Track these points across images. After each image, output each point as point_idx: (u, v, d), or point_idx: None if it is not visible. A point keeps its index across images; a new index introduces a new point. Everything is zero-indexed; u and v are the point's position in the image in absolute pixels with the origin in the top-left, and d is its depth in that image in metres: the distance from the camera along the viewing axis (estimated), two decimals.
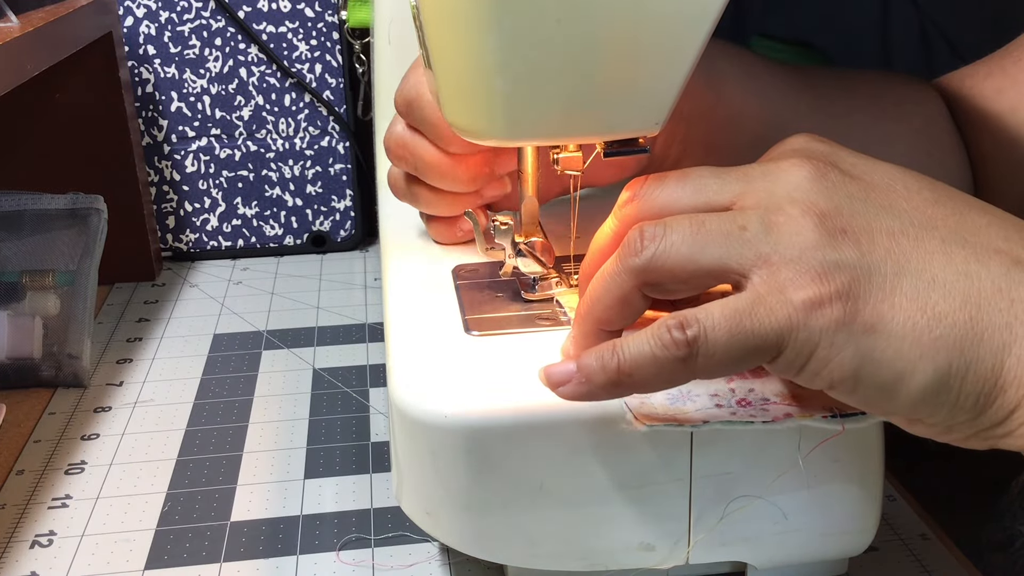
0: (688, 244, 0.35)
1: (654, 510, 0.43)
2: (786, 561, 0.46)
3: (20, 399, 0.67)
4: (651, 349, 0.35)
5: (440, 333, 0.47)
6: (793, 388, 0.40)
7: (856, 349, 0.33)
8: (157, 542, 0.53)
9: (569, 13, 0.37)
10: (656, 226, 0.36)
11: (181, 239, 0.92)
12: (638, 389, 0.37)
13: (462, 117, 0.42)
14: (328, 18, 0.88)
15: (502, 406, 0.42)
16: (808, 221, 0.34)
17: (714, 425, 0.39)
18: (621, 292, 0.38)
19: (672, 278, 0.36)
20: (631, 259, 0.37)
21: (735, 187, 0.37)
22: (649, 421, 0.39)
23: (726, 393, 0.40)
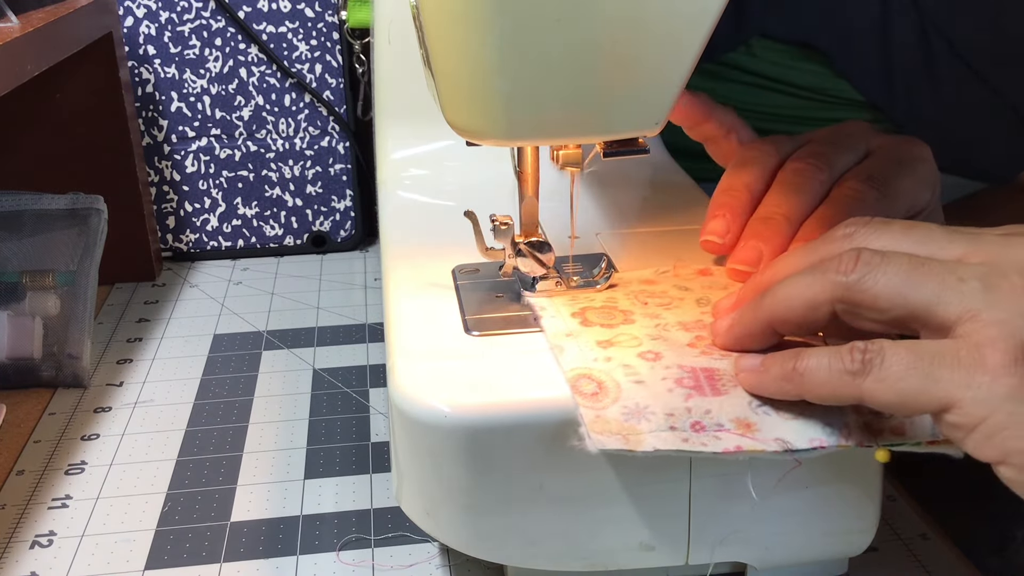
0: (901, 278, 0.36)
1: (654, 510, 0.43)
2: (786, 561, 0.46)
3: (20, 399, 0.67)
4: (828, 358, 0.36)
5: (440, 333, 0.47)
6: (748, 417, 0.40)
7: None
8: (157, 542, 0.53)
9: (569, 13, 0.37)
10: (875, 254, 0.36)
11: (181, 239, 0.92)
12: (806, 392, 0.38)
13: (462, 117, 0.42)
14: (328, 18, 0.88)
15: (502, 406, 0.42)
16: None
17: (664, 453, 0.39)
18: (815, 300, 0.38)
19: (873, 306, 0.36)
20: (840, 275, 0.37)
21: (963, 245, 0.37)
22: (600, 435, 0.39)
23: (682, 413, 0.40)
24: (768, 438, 0.39)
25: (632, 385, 0.41)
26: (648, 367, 0.42)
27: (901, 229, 0.38)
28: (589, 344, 0.44)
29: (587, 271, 0.51)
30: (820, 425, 0.39)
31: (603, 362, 0.43)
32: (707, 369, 0.42)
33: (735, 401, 0.40)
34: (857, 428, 0.39)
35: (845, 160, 0.50)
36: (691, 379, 0.41)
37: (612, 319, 0.47)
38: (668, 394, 0.40)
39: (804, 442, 0.39)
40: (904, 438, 0.39)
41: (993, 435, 0.33)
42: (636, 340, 0.44)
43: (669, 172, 0.66)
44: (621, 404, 0.40)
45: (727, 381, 0.41)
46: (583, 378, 0.42)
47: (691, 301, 0.48)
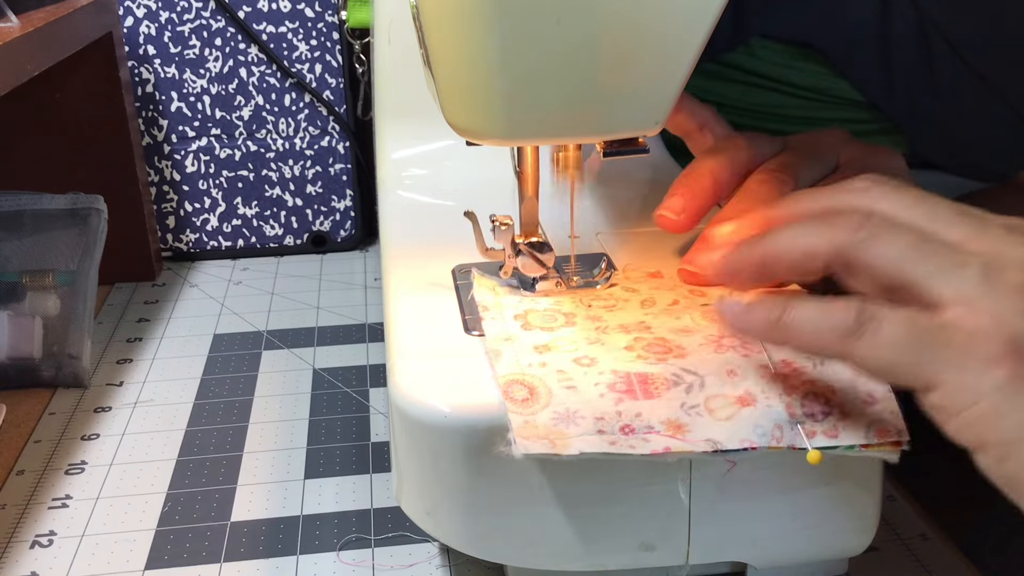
0: (904, 251, 0.36)
1: (654, 510, 0.43)
2: (786, 561, 0.46)
3: (20, 399, 0.67)
4: (820, 311, 0.36)
5: (440, 333, 0.47)
6: (681, 418, 0.40)
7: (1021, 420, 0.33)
8: (157, 542, 0.53)
9: (569, 13, 0.37)
10: (884, 221, 0.36)
11: (181, 239, 0.92)
12: (790, 342, 0.37)
13: (462, 117, 0.42)
14: (328, 18, 0.88)
15: (502, 406, 0.42)
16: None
17: (590, 455, 0.39)
18: (814, 249, 0.38)
19: (868, 270, 0.36)
20: (843, 234, 0.37)
21: (969, 228, 0.36)
22: (527, 440, 0.39)
23: (612, 417, 0.40)
24: (698, 439, 0.39)
25: (564, 391, 0.41)
26: (582, 372, 0.42)
27: (913, 198, 0.38)
28: (526, 349, 0.44)
29: (587, 271, 0.51)
30: (752, 426, 0.39)
31: (538, 367, 0.43)
32: (640, 374, 0.41)
33: (666, 403, 0.40)
34: (791, 430, 0.39)
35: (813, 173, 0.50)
36: (624, 384, 0.41)
37: (553, 322, 0.47)
38: (600, 399, 0.40)
39: (735, 443, 0.39)
40: (838, 441, 0.39)
41: (974, 423, 0.34)
42: (574, 345, 0.44)
43: (669, 172, 0.66)
44: (552, 409, 0.40)
45: (660, 385, 0.41)
46: (515, 384, 0.42)
47: (636, 303, 0.48)
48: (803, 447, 0.39)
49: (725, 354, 0.42)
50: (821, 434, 0.39)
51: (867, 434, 0.39)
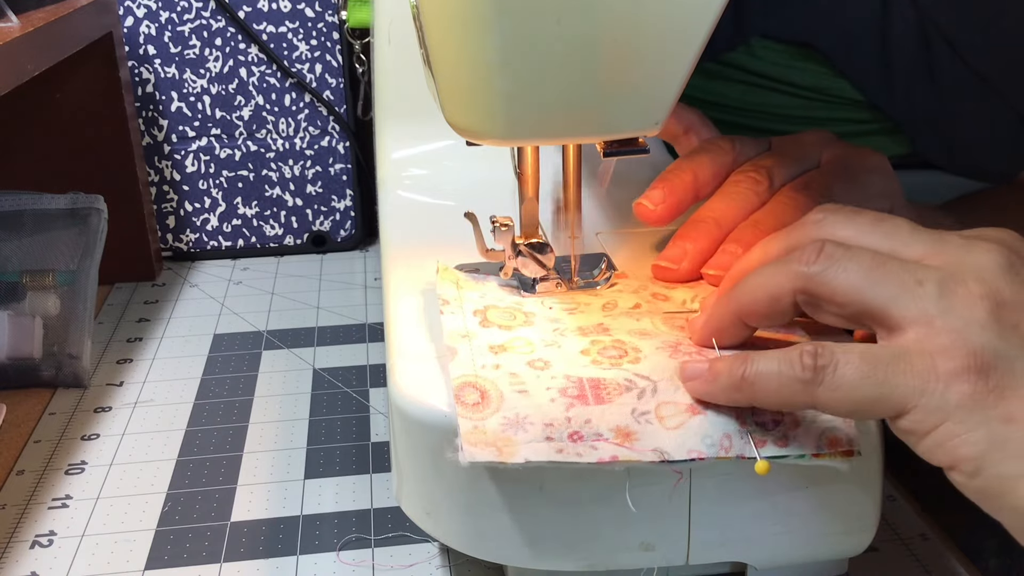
0: (861, 275, 0.36)
1: (654, 510, 0.43)
2: (786, 561, 0.46)
3: (20, 399, 0.67)
4: (778, 366, 0.36)
5: (440, 333, 0.47)
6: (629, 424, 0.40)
7: (988, 433, 0.33)
8: (157, 542, 0.53)
9: (569, 13, 0.37)
10: (839, 247, 0.37)
11: (181, 239, 0.92)
12: (757, 401, 0.38)
13: (462, 117, 0.42)
14: (328, 18, 0.88)
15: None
16: (985, 303, 0.34)
17: (536, 464, 0.38)
18: (777, 291, 0.38)
19: (831, 299, 0.36)
20: (801, 266, 0.37)
21: (926, 246, 0.37)
22: (474, 447, 0.38)
23: (561, 423, 0.39)
24: (646, 448, 0.39)
25: (515, 395, 0.41)
26: (534, 376, 0.42)
27: (870, 221, 0.38)
28: (481, 349, 0.44)
29: (587, 271, 0.51)
30: (700, 436, 0.39)
31: (491, 369, 0.42)
32: (593, 379, 0.41)
33: (617, 409, 0.40)
34: (740, 439, 0.39)
35: (790, 172, 0.51)
36: (576, 389, 0.41)
37: (512, 320, 0.46)
38: (550, 404, 0.40)
39: (682, 453, 0.39)
40: (788, 450, 0.39)
41: (944, 442, 0.34)
42: (529, 346, 0.44)
43: None
44: (502, 414, 0.40)
45: (612, 390, 0.41)
46: (468, 387, 0.41)
47: (597, 306, 0.48)
48: (752, 456, 0.39)
49: (680, 360, 0.42)
50: (771, 443, 0.39)
51: (818, 443, 0.39)
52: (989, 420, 0.33)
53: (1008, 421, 0.33)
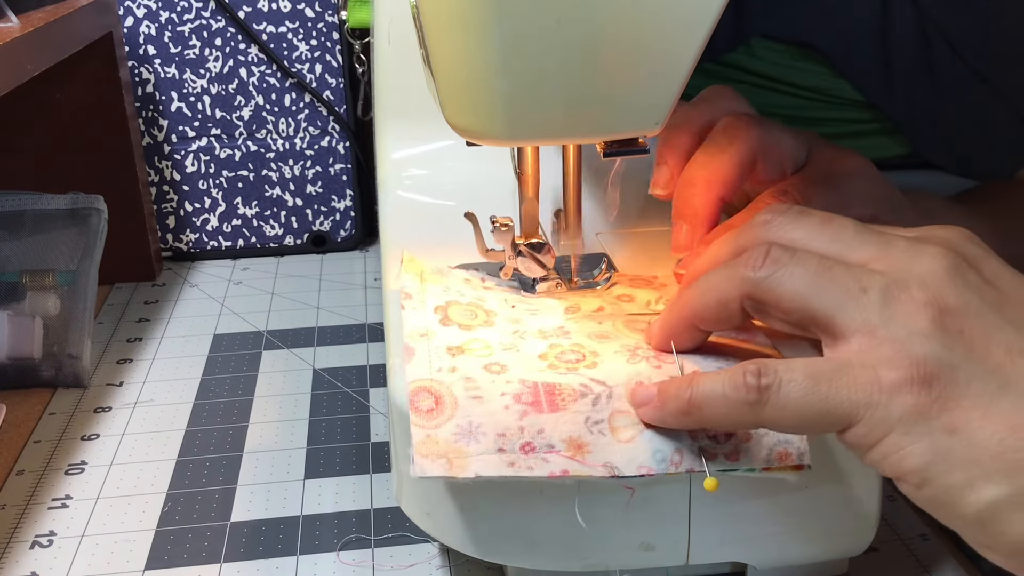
0: (807, 282, 0.35)
1: (654, 510, 0.43)
2: (786, 561, 0.46)
3: (20, 399, 0.67)
4: (723, 388, 0.36)
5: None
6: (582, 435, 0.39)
7: (932, 444, 0.33)
8: (157, 542, 0.53)
9: (569, 13, 0.37)
10: (784, 252, 0.36)
11: (181, 239, 0.92)
12: (706, 424, 0.38)
13: (462, 117, 0.42)
14: (328, 18, 0.88)
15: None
16: (929, 311, 0.34)
17: (487, 479, 0.38)
18: (725, 296, 0.38)
19: (777, 306, 0.36)
20: (747, 271, 0.37)
21: (873, 249, 0.36)
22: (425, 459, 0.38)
23: (514, 432, 0.39)
24: (596, 463, 0.39)
25: (469, 401, 0.40)
26: (490, 380, 0.41)
27: (817, 222, 0.38)
28: (439, 350, 0.43)
29: (587, 271, 0.51)
30: (652, 451, 0.39)
31: (447, 372, 0.42)
32: (548, 384, 0.41)
33: (571, 418, 0.39)
34: (690, 453, 0.39)
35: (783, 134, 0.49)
36: (531, 395, 0.40)
37: (473, 319, 0.46)
38: (504, 412, 0.40)
39: (631, 469, 0.39)
40: (738, 464, 0.39)
41: (889, 454, 0.33)
42: (488, 349, 0.44)
43: None
44: (455, 422, 0.39)
45: (567, 396, 0.40)
46: (423, 392, 0.41)
47: (560, 309, 0.48)
48: (702, 470, 0.39)
49: (638, 364, 0.42)
50: (721, 457, 0.39)
51: (768, 457, 0.39)
52: (933, 431, 0.33)
53: (952, 431, 0.32)
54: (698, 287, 0.40)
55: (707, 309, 0.39)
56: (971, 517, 0.33)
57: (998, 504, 0.32)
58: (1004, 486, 0.32)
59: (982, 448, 0.32)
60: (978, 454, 0.32)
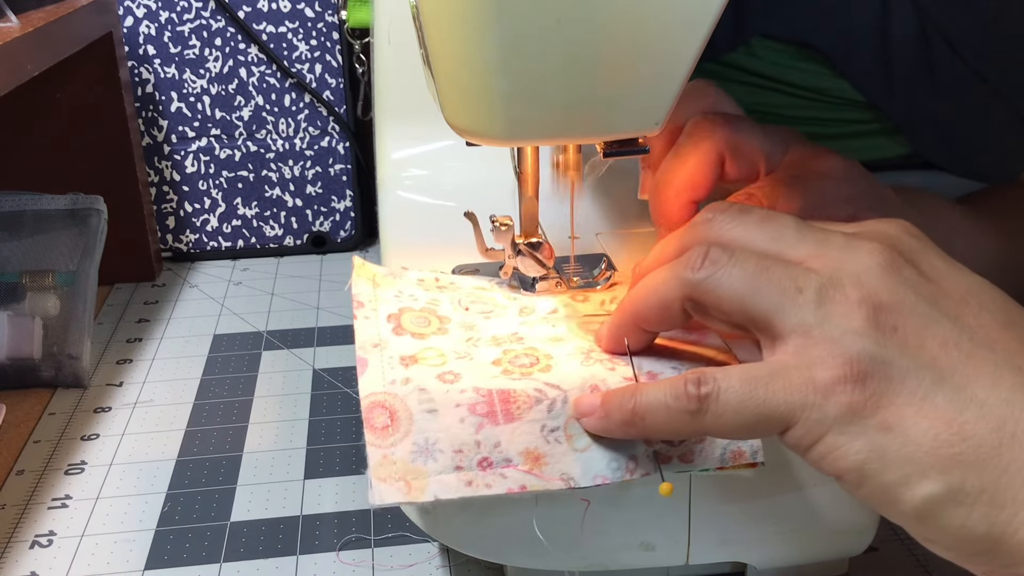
0: (744, 283, 0.35)
1: (654, 510, 0.43)
2: (786, 561, 0.46)
3: (20, 399, 0.67)
4: (665, 398, 0.36)
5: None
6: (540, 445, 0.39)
7: (867, 443, 0.33)
8: (157, 542, 0.53)
9: (569, 13, 0.37)
10: (723, 252, 0.36)
11: (181, 239, 0.92)
12: (651, 434, 0.38)
13: (462, 117, 0.42)
14: (328, 18, 0.88)
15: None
16: (862, 309, 0.34)
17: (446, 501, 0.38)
18: (666, 298, 0.38)
19: (717, 307, 0.36)
20: (686, 272, 0.37)
21: (810, 247, 0.36)
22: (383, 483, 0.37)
23: (471, 448, 0.38)
24: (554, 476, 0.38)
25: (424, 415, 0.39)
26: (443, 391, 0.40)
27: (757, 220, 0.38)
28: (392, 361, 0.42)
29: (587, 271, 0.51)
30: (607, 459, 0.39)
31: (401, 384, 0.41)
32: (503, 391, 0.40)
33: (527, 427, 0.39)
34: (646, 458, 0.39)
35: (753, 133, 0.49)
36: (485, 405, 0.40)
37: (426, 327, 0.45)
38: (459, 425, 0.39)
39: (588, 479, 0.38)
40: (693, 465, 0.39)
41: (827, 454, 0.33)
42: (441, 358, 0.43)
43: None
44: (411, 440, 0.39)
45: (522, 404, 0.40)
46: (377, 407, 0.40)
47: (515, 310, 0.47)
48: (658, 472, 0.39)
49: (592, 367, 0.42)
50: (676, 459, 0.39)
51: (722, 456, 0.39)
52: (868, 429, 0.33)
53: (886, 429, 0.32)
54: (641, 289, 0.39)
55: (650, 311, 0.39)
56: (911, 514, 0.33)
57: (935, 500, 0.32)
58: (939, 482, 0.32)
59: (916, 444, 0.32)
60: (912, 451, 0.32)
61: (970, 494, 0.32)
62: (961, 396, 0.32)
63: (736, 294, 0.36)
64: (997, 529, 0.31)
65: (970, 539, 0.32)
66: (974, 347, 0.33)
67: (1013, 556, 0.31)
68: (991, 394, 0.32)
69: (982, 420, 0.32)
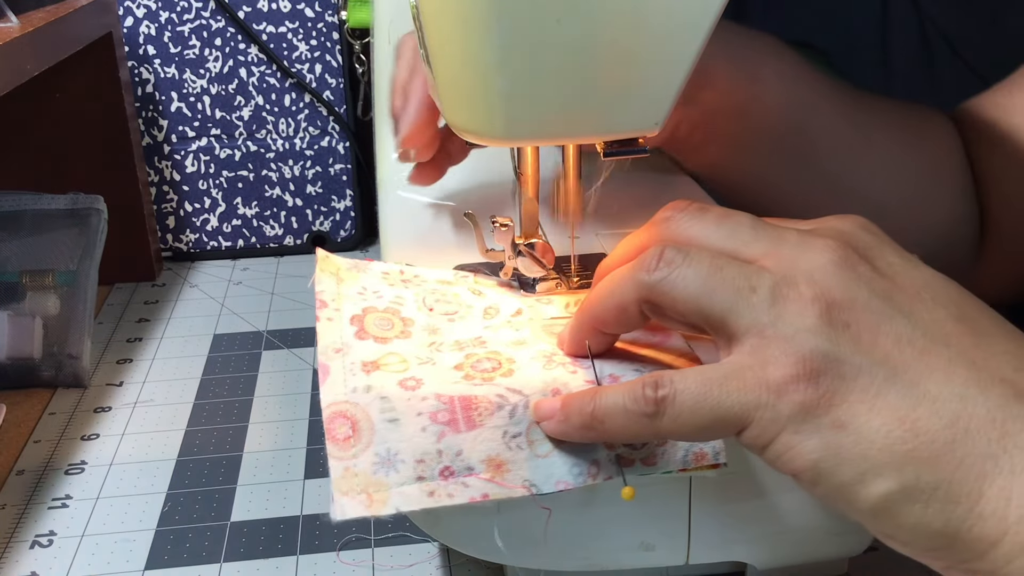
0: (699, 284, 0.35)
1: (654, 510, 0.43)
2: (786, 561, 0.46)
3: (20, 399, 0.67)
4: (623, 402, 0.36)
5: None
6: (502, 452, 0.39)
7: (821, 441, 0.33)
8: (157, 542, 0.53)
9: (569, 13, 0.37)
10: (678, 253, 0.36)
11: (181, 239, 0.92)
12: (609, 437, 0.38)
13: (462, 117, 0.42)
14: (328, 18, 0.88)
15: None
16: (815, 307, 0.34)
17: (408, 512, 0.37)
18: (622, 300, 0.38)
19: (673, 308, 0.36)
20: (642, 274, 0.37)
21: (765, 245, 0.36)
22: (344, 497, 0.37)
23: (432, 457, 0.38)
24: (516, 483, 0.38)
25: (386, 425, 0.39)
26: (405, 399, 0.39)
27: (713, 219, 0.38)
28: (354, 367, 0.42)
29: (587, 271, 0.51)
30: (569, 465, 0.39)
31: (363, 393, 0.40)
32: (465, 398, 0.40)
33: (489, 434, 0.39)
34: (608, 462, 0.39)
35: None
36: (447, 412, 0.39)
37: (389, 330, 0.44)
38: (421, 434, 0.38)
39: (550, 485, 0.38)
40: (655, 468, 0.39)
41: (782, 454, 0.33)
42: (403, 363, 0.42)
43: (669, 172, 0.66)
44: (373, 451, 0.38)
45: (483, 410, 0.39)
46: (339, 417, 0.39)
47: (479, 311, 0.47)
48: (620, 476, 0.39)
49: (554, 371, 0.41)
50: (639, 462, 0.39)
51: (685, 458, 0.39)
52: (822, 428, 0.33)
53: (840, 427, 0.32)
54: (598, 291, 0.39)
55: (607, 313, 0.39)
56: (867, 511, 0.33)
57: (890, 497, 0.32)
58: (894, 479, 0.32)
59: (870, 442, 0.32)
60: (866, 449, 0.32)
61: (925, 491, 0.32)
62: (914, 392, 0.32)
63: (691, 295, 0.35)
64: (953, 525, 0.31)
65: (927, 535, 0.32)
66: (928, 343, 0.33)
67: (970, 551, 0.32)
68: (944, 389, 0.32)
69: (935, 416, 0.32)
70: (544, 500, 0.39)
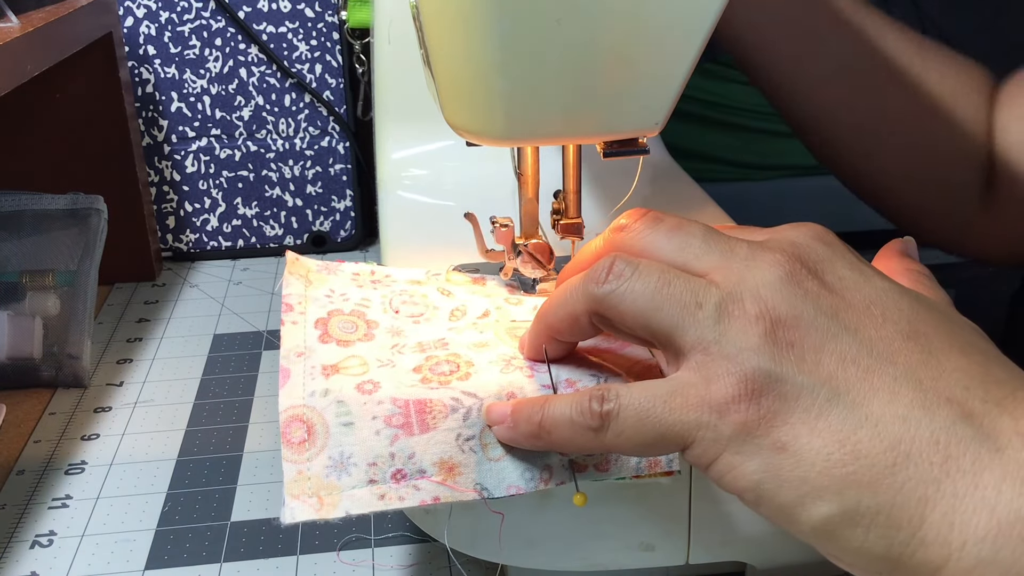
0: (647, 298, 0.35)
1: (654, 510, 0.43)
2: (786, 561, 0.46)
3: (20, 399, 0.67)
4: (570, 413, 0.36)
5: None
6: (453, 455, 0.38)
7: (762, 462, 0.32)
8: (157, 542, 0.53)
9: (569, 14, 0.37)
10: (627, 265, 0.36)
11: (181, 239, 0.92)
12: (557, 447, 0.37)
13: (462, 117, 0.42)
14: (328, 18, 0.88)
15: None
16: (759, 325, 0.33)
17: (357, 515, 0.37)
18: (573, 310, 0.38)
19: (621, 322, 0.36)
20: (591, 286, 0.36)
21: (715, 258, 0.36)
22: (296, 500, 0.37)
23: (385, 460, 0.38)
24: (467, 486, 0.38)
25: (341, 428, 0.38)
26: (361, 403, 0.39)
27: (666, 230, 0.37)
28: (314, 371, 0.41)
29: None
30: (521, 469, 0.39)
31: (320, 397, 0.40)
32: (420, 401, 0.39)
33: (442, 437, 0.39)
34: (561, 468, 0.39)
35: None
36: (402, 416, 0.39)
37: (352, 332, 0.44)
38: (375, 438, 0.38)
39: (501, 490, 0.38)
40: (608, 474, 0.39)
41: (724, 473, 0.33)
42: (363, 366, 0.42)
43: (669, 172, 0.66)
44: (327, 454, 0.38)
45: (437, 413, 0.39)
46: (295, 421, 0.39)
47: (446, 312, 0.47)
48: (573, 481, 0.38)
49: (511, 375, 0.41)
50: (592, 468, 0.39)
51: (638, 465, 0.39)
52: (762, 449, 0.32)
53: (780, 449, 0.32)
54: (552, 300, 0.39)
55: (560, 322, 0.39)
56: (809, 533, 0.32)
57: (831, 521, 0.31)
58: (834, 503, 0.31)
59: (809, 465, 0.31)
60: (806, 471, 0.31)
61: (865, 515, 0.31)
62: (856, 414, 0.31)
63: (638, 309, 0.35)
64: (896, 550, 0.31)
65: (869, 559, 0.31)
66: (873, 361, 0.32)
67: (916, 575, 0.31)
68: (887, 410, 0.31)
69: (876, 439, 0.31)
70: (497, 505, 0.39)
